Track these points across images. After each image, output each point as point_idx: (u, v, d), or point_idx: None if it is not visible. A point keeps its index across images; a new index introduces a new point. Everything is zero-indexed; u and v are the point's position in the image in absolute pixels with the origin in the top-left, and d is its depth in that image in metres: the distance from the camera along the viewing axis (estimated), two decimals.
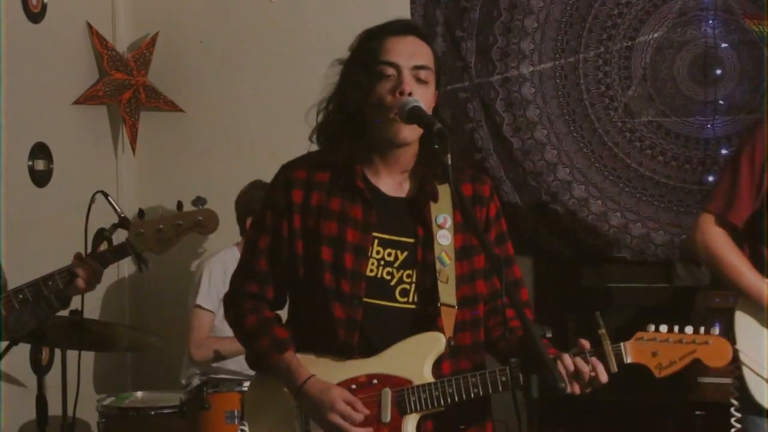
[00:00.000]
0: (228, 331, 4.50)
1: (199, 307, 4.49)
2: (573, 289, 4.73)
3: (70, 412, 4.10)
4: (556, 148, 4.69)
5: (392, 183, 2.55)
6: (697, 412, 3.24)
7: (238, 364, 4.48)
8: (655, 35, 4.56)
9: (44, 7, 4.64)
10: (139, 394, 4.53)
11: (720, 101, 4.48)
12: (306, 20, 4.99)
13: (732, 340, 3.16)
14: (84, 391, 4.34)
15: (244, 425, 2.61)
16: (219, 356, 4.41)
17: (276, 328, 2.57)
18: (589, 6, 4.63)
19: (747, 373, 3.17)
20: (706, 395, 3.90)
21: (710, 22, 4.48)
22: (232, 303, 2.66)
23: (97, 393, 4.82)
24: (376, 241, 2.50)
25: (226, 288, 4.50)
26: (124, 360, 5.20)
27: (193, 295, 4.51)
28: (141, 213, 3.12)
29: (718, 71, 4.48)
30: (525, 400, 2.26)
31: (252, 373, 4.45)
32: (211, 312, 4.50)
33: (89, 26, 4.98)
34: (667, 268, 4.61)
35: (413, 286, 2.50)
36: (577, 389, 2.40)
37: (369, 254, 2.49)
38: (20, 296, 3.00)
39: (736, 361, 3.16)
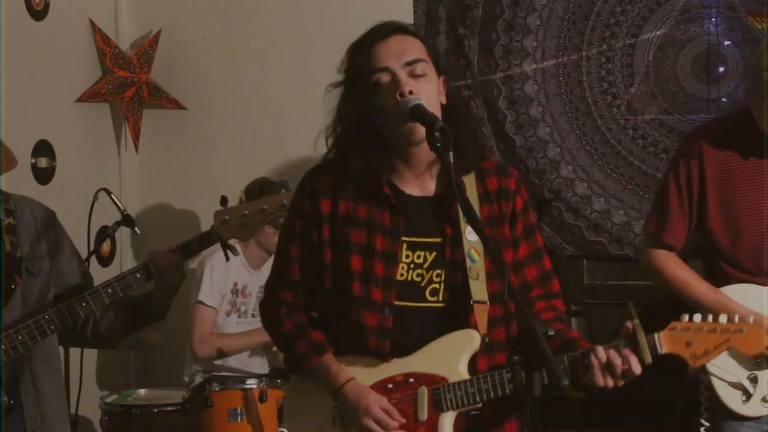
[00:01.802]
0: (230, 329, 4.53)
1: (202, 303, 4.49)
2: (576, 287, 4.73)
3: (72, 410, 4.11)
4: (559, 146, 4.70)
5: (417, 183, 2.52)
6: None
7: (241, 361, 4.49)
8: (658, 33, 4.56)
9: (47, 4, 4.64)
10: (142, 391, 4.54)
11: (723, 99, 4.48)
12: (309, 17, 4.99)
13: None
14: (87, 389, 4.35)
15: (283, 429, 2.59)
16: (221, 353, 4.42)
17: (312, 332, 2.55)
18: (592, 3, 4.63)
19: (715, 381, 3.21)
20: None
21: (713, 19, 4.48)
22: (268, 310, 2.66)
23: (99, 390, 4.83)
24: (404, 245, 2.48)
25: (228, 284, 4.55)
26: (126, 357, 5.20)
27: (196, 291, 4.51)
28: (224, 200, 3.10)
29: (721, 69, 4.48)
30: (528, 398, 2.25)
31: (254, 370, 4.49)
32: (213, 308, 4.50)
33: (92, 24, 4.98)
34: None
35: (443, 285, 2.47)
36: (610, 382, 2.37)
37: (399, 259, 2.47)
38: (109, 290, 2.99)
39: (704, 372, 3.21)
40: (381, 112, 2.43)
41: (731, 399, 3.20)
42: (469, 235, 2.47)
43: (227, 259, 3.16)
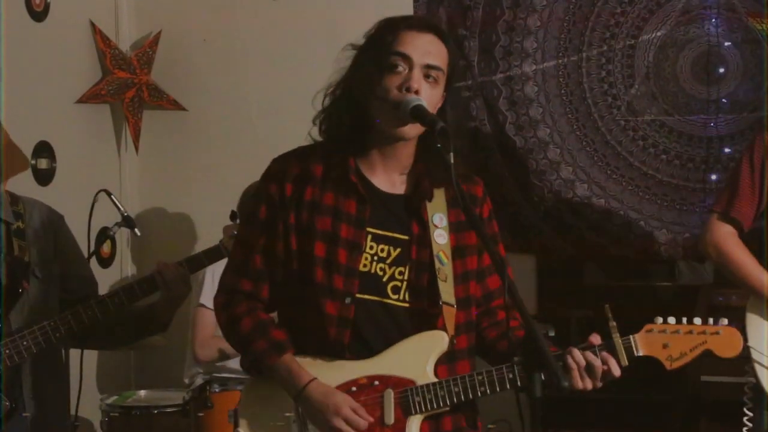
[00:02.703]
0: None
1: (203, 306, 4.49)
2: (575, 288, 4.73)
3: (72, 411, 4.10)
4: (559, 147, 4.70)
5: (388, 180, 2.51)
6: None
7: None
8: (658, 34, 4.56)
9: (47, 5, 4.64)
10: (142, 392, 4.53)
11: (723, 100, 4.48)
12: (309, 18, 4.99)
13: (744, 338, 3.23)
14: (87, 390, 4.34)
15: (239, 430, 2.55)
16: (224, 355, 4.41)
17: (273, 330, 2.51)
18: (592, 4, 4.63)
19: (759, 371, 3.25)
20: (710, 394, 3.91)
21: (713, 20, 4.47)
22: (225, 304, 2.58)
23: (100, 392, 4.82)
24: (369, 236, 2.46)
25: None
26: (127, 359, 5.20)
27: (197, 294, 4.50)
28: (233, 215, 3.10)
29: (721, 70, 4.48)
30: (528, 399, 2.24)
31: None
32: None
33: (92, 25, 4.98)
34: (670, 267, 4.61)
35: (404, 283, 2.46)
36: (589, 384, 2.36)
37: (363, 249, 2.45)
38: (116, 300, 2.99)
39: (749, 360, 3.25)
40: (382, 94, 2.41)
41: None
42: (438, 237, 2.47)
43: None
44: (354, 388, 2.43)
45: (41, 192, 4.56)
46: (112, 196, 4.14)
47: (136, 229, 4.16)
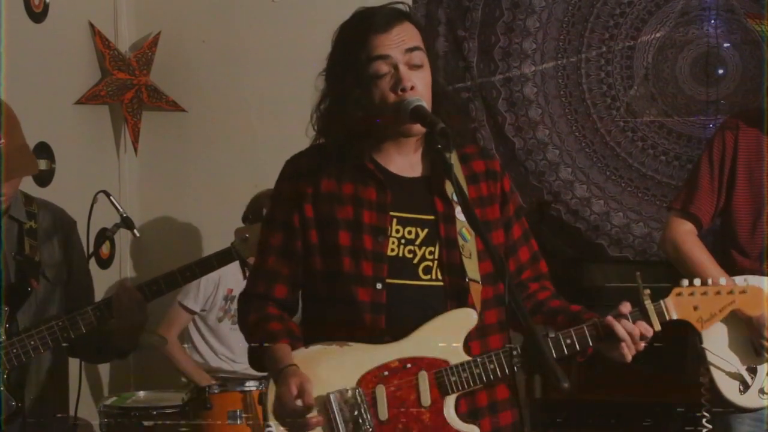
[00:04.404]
0: (223, 333, 4.53)
1: (181, 304, 4.54)
2: (575, 289, 4.73)
3: (72, 412, 4.10)
4: (558, 148, 4.70)
5: (404, 164, 2.49)
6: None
7: (241, 364, 4.49)
8: (657, 35, 4.57)
9: (46, 6, 4.64)
10: (142, 393, 4.53)
11: (722, 101, 4.49)
12: (308, 19, 4.98)
13: (698, 339, 3.23)
14: (86, 391, 4.35)
15: (270, 426, 2.54)
16: (171, 360, 4.49)
17: (273, 322, 2.48)
18: (591, 5, 4.64)
19: (715, 372, 3.24)
20: None
21: (712, 21, 4.48)
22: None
23: (99, 393, 4.82)
24: (394, 220, 2.44)
25: (221, 291, 4.56)
26: (126, 360, 5.19)
27: (183, 292, 4.52)
28: (246, 217, 3.05)
29: (720, 71, 4.49)
30: (528, 400, 2.24)
31: (255, 373, 4.49)
32: (192, 313, 4.55)
33: (91, 26, 4.98)
34: (670, 268, 4.61)
35: (435, 262, 2.43)
36: (633, 350, 2.38)
37: (389, 234, 2.42)
38: (98, 313, 2.96)
39: (704, 362, 3.24)
40: (379, 107, 2.40)
41: (729, 390, 3.22)
42: (459, 214, 2.44)
43: (245, 277, 3.14)
44: (386, 372, 2.40)
45: (41, 193, 4.55)
46: (111, 197, 4.13)
47: (135, 230, 4.15)
